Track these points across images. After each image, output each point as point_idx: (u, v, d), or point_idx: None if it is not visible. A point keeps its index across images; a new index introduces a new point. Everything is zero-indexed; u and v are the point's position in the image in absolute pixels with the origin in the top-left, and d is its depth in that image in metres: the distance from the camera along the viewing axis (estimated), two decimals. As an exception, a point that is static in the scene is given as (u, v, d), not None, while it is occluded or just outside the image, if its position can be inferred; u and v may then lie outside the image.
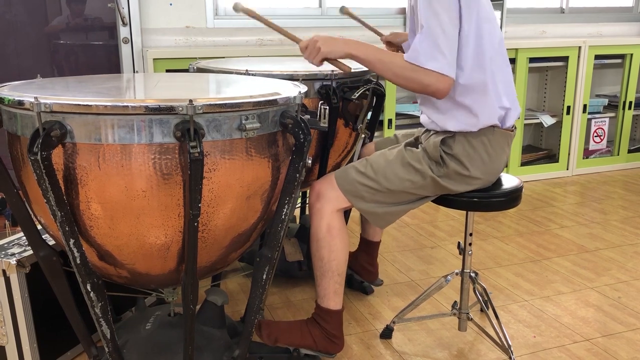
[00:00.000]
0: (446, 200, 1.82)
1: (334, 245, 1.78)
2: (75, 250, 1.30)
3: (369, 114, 2.24)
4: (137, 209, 1.27)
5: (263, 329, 1.82)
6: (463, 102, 1.70)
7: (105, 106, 1.20)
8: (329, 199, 1.78)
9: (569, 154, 4.02)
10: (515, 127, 1.84)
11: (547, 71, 4.13)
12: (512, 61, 3.69)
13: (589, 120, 4.06)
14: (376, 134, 2.46)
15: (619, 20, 4.38)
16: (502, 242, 2.88)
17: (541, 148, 4.25)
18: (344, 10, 2.34)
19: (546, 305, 2.25)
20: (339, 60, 1.74)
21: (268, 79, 1.74)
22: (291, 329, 1.84)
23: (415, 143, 1.88)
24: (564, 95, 3.92)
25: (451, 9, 1.59)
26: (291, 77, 1.87)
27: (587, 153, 4.17)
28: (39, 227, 1.51)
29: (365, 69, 2.10)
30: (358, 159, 2.20)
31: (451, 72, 1.60)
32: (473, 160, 1.74)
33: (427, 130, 1.87)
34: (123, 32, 3.13)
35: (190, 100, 1.20)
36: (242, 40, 3.42)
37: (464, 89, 1.69)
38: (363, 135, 2.21)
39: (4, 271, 1.66)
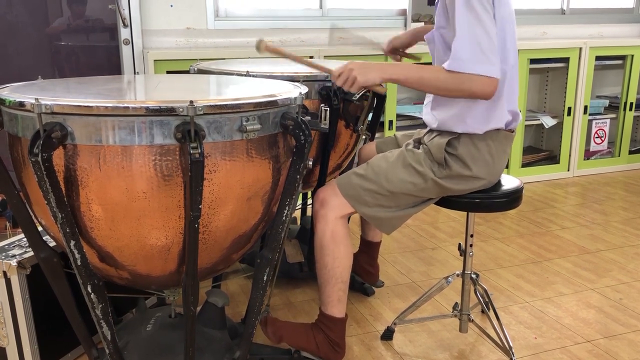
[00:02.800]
0: (447, 201, 1.82)
1: (337, 252, 1.77)
2: (76, 252, 1.30)
3: (370, 115, 2.24)
4: (137, 210, 1.27)
5: (269, 326, 1.82)
6: (478, 106, 1.69)
7: (106, 107, 1.20)
8: (332, 206, 1.77)
9: (569, 155, 4.01)
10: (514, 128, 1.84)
11: (548, 72, 4.12)
12: (513, 62, 3.68)
13: (590, 121, 4.06)
14: (377, 135, 2.46)
15: (619, 22, 4.38)
16: (503, 243, 2.88)
17: (542, 149, 4.24)
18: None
19: (547, 307, 2.25)
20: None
21: (269, 80, 1.74)
22: (298, 332, 1.84)
23: (417, 144, 1.87)
24: (565, 97, 3.91)
25: (489, 10, 1.56)
26: (292, 79, 1.86)
27: (588, 154, 4.16)
28: (40, 228, 1.51)
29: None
30: (357, 158, 2.20)
31: (497, 72, 1.56)
32: (476, 161, 1.74)
33: (430, 131, 1.86)
34: (124, 33, 3.13)
35: (191, 102, 1.20)
36: (243, 42, 3.42)
37: None
38: (364, 137, 2.21)
39: (4, 272, 1.66)
